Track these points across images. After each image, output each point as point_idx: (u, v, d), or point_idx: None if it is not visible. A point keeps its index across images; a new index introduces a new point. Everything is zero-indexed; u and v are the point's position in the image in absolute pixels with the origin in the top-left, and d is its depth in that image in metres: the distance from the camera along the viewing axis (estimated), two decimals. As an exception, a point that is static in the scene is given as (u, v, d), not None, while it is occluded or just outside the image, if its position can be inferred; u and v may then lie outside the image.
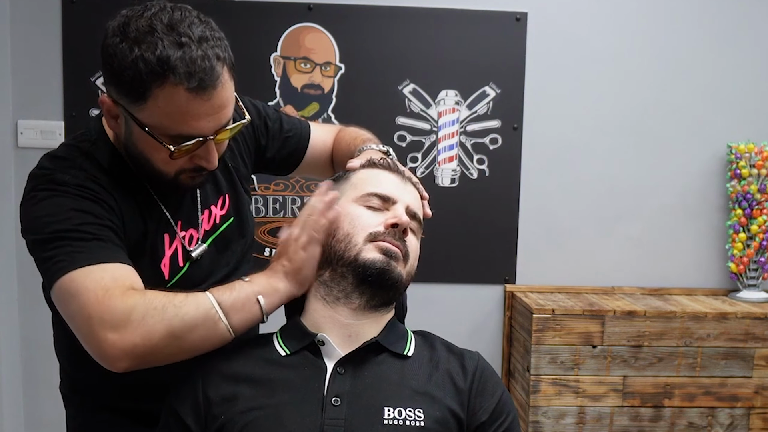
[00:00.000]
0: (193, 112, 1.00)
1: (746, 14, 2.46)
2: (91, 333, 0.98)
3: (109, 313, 0.96)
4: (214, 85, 1.00)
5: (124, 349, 0.97)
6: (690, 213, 2.52)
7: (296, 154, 1.43)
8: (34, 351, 2.39)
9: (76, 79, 2.34)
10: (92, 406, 1.23)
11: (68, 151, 1.12)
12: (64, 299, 1.01)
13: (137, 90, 0.98)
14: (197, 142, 1.04)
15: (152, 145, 1.04)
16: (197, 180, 1.13)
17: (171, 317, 0.98)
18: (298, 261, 1.08)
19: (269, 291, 1.07)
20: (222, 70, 1.01)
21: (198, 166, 1.09)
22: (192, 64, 0.97)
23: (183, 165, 1.08)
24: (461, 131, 2.46)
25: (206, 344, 1.03)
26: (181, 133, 1.02)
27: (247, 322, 1.05)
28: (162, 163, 1.07)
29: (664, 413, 2.22)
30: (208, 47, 0.99)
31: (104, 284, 0.98)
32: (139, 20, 0.98)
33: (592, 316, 2.19)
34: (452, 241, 2.46)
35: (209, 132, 1.04)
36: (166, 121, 1.01)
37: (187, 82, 0.97)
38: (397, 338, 1.09)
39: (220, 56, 1.01)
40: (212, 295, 1.03)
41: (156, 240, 1.15)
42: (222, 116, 1.04)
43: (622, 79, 2.46)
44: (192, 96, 0.98)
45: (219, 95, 1.01)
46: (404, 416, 0.98)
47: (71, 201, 1.05)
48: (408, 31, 2.41)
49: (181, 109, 0.99)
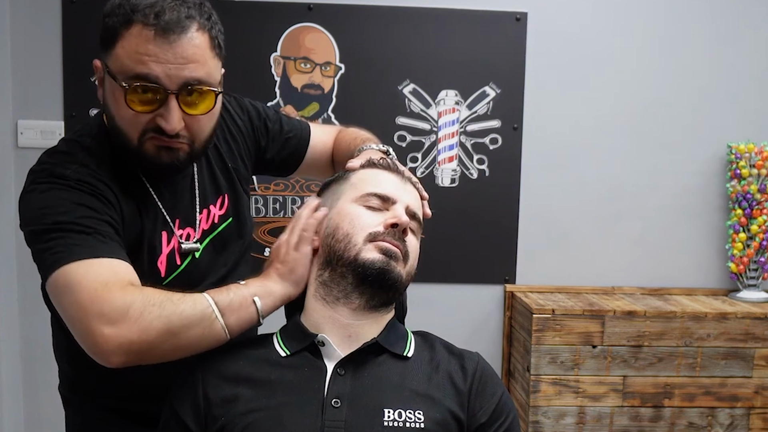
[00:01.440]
0: (153, 53, 1.00)
1: (746, 14, 2.46)
2: (86, 326, 0.97)
3: (107, 307, 0.96)
4: (179, 32, 1.01)
5: (121, 344, 0.96)
6: (690, 213, 2.52)
7: (296, 155, 1.43)
8: (34, 351, 2.39)
9: (76, 79, 2.34)
10: (91, 408, 1.23)
11: (68, 146, 1.12)
12: (60, 291, 1.00)
13: (110, 37, 1.02)
14: (154, 90, 1.02)
15: (117, 96, 1.04)
16: (164, 155, 1.08)
17: (169, 314, 0.98)
18: (290, 262, 1.10)
19: (265, 293, 1.08)
20: (191, 25, 1.02)
21: (158, 127, 1.05)
22: (160, 8, 1.00)
23: (145, 125, 1.05)
24: (461, 131, 2.46)
25: (202, 343, 1.03)
26: (137, 72, 1.01)
27: (243, 323, 1.06)
28: (126, 122, 1.05)
29: (664, 413, 2.22)
30: (184, 8, 1.02)
31: (102, 278, 0.98)
32: None
33: (592, 316, 2.19)
34: (452, 241, 2.46)
35: (168, 81, 1.02)
36: (127, 61, 1.01)
37: (151, 22, 1.00)
38: (397, 339, 1.09)
39: (193, 16, 1.03)
40: (209, 296, 1.03)
41: (153, 237, 1.15)
42: (186, 69, 1.02)
43: (622, 79, 2.46)
44: (152, 35, 1.00)
45: (184, 46, 1.01)
46: (404, 418, 0.98)
47: (72, 194, 1.04)
48: (408, 31, 2.41)
49: (141, 48, 1.00)
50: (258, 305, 1.06)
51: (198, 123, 1.09)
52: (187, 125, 1.07)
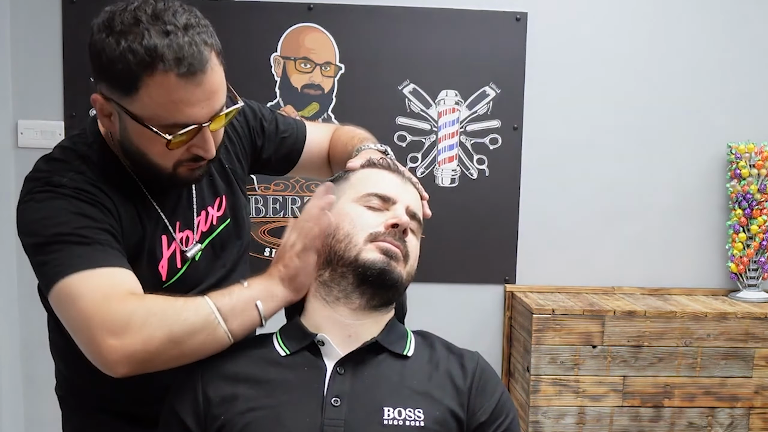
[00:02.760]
0: (186, 98, 0.99)
1: (746, 14, 2.46)
2: (90, 338, 0.97)
3: (108, 319, 0.96)
4: (204, 69, 0.99)
5: (125, 354, 0.96)
6: (690, 213, 2.52)
7: (293, 154, 1.42)
8: (34, 351, 2.39)
9: (76, 79, 2.34)
10: (88, 408, 1.23)
11: (64, 153, 1.11)
12: (63, 304, 1.00)
13: (128, 82, 0.98)
14: (193, 129, 1.03)
15: (148, 137, 1.03)
16: (196, 173, 1.11)
17: (171, 323, 0.98)
18: (293, 268, 1.08)
19: (267, 296, 1.07)
20: (210, 55, 1.00)
21: (196, 156, 1.08)
22: (180, 50, 0.96)
23: (180, 156, 1.07)
24: (461, 131, 2.46)
25: (205, 349, 1.02)
26: (175, 121, 1.01)
27: (245, 327, 1.05)
28: (159, 156, 1.06)
29: (664, 413, 2.22)
30: (195, 33, 0.99)
31: (103, 289, 0.98)
32: (123, 14, 0.98)
33: (592, 316, 2.19)
34: (452, 241, 2.46)
35: (204, 119, 1.03)
36: (160, 111, 1.00)
37: (176, 68, 0.97)
38: (397, 338, 1.09)
39: (207, 41, 1.00)
40: (211, 301, 1.02)
41: (154, 242, 1.14)
42: (215, 101, 1.03)
43: (622, 79, 2.46)
44: (183, 82, 0.98)
45: (209, 80, 1.01)
46: (404, 416, 0.98)
47: (69, 204, 1.04)
48: (408, 31, 2.41)
49: (173, 96, 0.99)
50: (260, 309, 1.05)
51: (219, 135, 1.11)
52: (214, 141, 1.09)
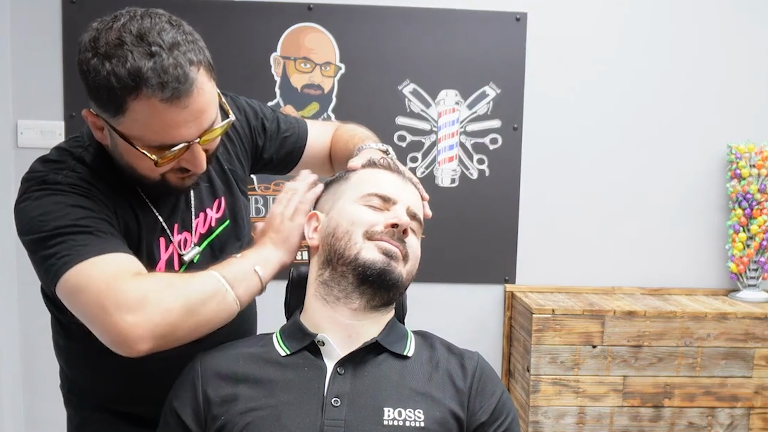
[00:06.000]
0: (172, 121, 0.99)
1: (746, 15, 2.46)
2: (107, 320, 0.97)
3: (123, 297, 0.97)
4: (189, 92, 0.97)
5: (147, 329, 0.97)
6: (690, 213, 2.52)
7: (294, 153, 1.42)
8: (34, 351, 2.39)
9: (76, 79, 2.31)
10: (90, 407, 1.23)
11: (60, 154, 1.11)
12: (74, 293, 1.00)
13: (114, 104, 0.98)
14: (181, 148, 1.02)
15: (136, 155, 1.03)
16: (187, 182, 1.11)
17: (185, 293, 1.01)
18: (285, 231, 1.15)
19: (263, 261, 1.12)
20: (197, 75, 0.98)
21: (184, 168, 1.08)
22: (164, 74, 0.94)
23: (169, 168, 1.07)
24: (461, 131, 2.46)
25: (218, 317, 1.05)
26: (163, 142, 1.01)
27: (250, 293, 1.09)
28: (148, 171, 1.06)
29: (664, 413, 2.22)
30: (180, 53, 0.97)
31: (112, 271, 0.99)
32: (108, 33, 0.97)
33: (592, 316, 2.19)
34: (452, 241, 2.46)
35: (192, 137, 1.02)
36: (147, 132, 0.99)
37: (161, 93, 0.95)
38: (397, 338, 1.09)
39: (193, 60, 0.98)
40: (215, 271, 1.06)
41: (152, 245, 1.14)
42: (203, 120, 1.02)
43: (622, 79, 2.46)
44: (167, 106, 0.97)
45: (196, 101, 0.99)
46: (404, 417, 0.98)
47: (66, 198, 1.05)
48: (408, 31, 2.41)
49: (158, 119, 0.98)
50: (260, 273, 1.10)
51: (212, 146, 1.11)
52: (206, 152, 1.09)
